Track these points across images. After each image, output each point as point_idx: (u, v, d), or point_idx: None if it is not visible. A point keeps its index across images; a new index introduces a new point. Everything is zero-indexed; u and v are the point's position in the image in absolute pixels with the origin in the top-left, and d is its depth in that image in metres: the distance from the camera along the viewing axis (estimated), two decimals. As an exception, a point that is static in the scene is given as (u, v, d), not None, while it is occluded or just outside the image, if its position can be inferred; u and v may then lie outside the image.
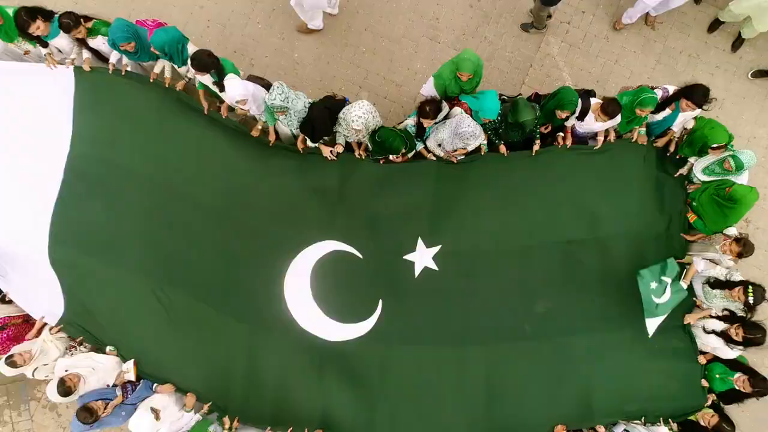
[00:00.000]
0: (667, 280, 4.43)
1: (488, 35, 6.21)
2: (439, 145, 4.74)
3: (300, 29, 6.10)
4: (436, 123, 4.57)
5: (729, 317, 4.37)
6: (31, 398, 5.78)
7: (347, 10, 6.18)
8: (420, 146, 4.75)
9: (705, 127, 4.53)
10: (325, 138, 4.68)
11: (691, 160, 4.74)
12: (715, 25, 6.13)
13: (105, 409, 4.15)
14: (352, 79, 6.15)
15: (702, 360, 4.56)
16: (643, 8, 5.73)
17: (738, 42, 6.10)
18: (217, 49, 5.89)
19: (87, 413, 4.02)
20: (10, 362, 4.10)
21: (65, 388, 4.04)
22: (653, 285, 4.40)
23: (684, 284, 4.56)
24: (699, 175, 4.67)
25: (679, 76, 6.13)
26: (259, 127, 4.71)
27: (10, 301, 4.67)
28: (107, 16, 5.84)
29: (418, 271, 4.71)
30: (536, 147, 4.70)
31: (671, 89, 4.56)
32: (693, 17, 6.19)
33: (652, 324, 4.54)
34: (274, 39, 6.13)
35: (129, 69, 4.57)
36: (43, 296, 4.59)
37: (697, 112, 4.47)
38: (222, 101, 4.70)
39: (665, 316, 4.51)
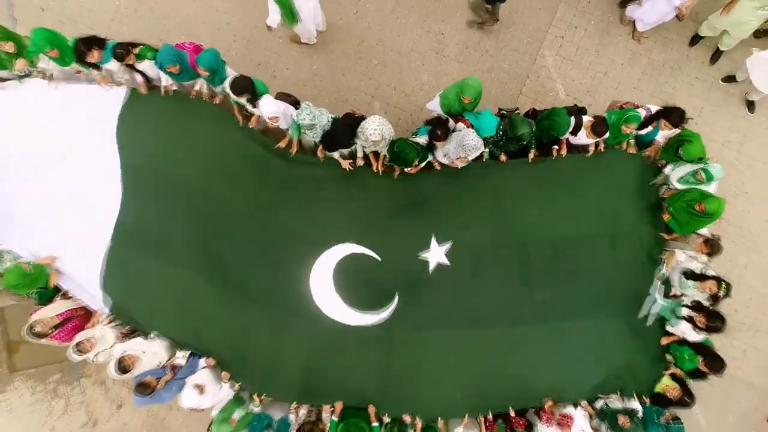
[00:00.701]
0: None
1: (489, 49, 6.56)
2: (445, 155, 5.16)
3: (293, 40, 6.43)
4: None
5: (697, 307, 4.86)
6: (82, 375, 6.29)
7: (360, 26, 6.52)
8: (430, 157, 5.16)
9: (687, 136, 4.90)
10: (343, 151, 5.08)
11: (667, 170, 5.15)
12: (695, 39, 6.49)
13: (158, 383, 4.66)
14: (365, 90, 6.51)
15: (663, 342, 5.03)
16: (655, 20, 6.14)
17: (716, 55, 6.47)
18: (242, 62, 6.35)
19: (143, 387, 4.51)
20: (79, 348, 4.59)
21: (123, 366, 4.49)
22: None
23: (666, 271, 5.03)
24: (675, 184, 5.07)
25: (662, 87, 6.53)
26: (286, 140, 5.11)
27: (70, 297, 5.12)
28: (141, 32, 6.31)
29: (432, 267, 5.08)
30: (531, 155, 5.12)
31: (654, 109, 4.95)
32: (675, 32, 6.55)
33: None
34: (294, 53, 6.48)
35: (174, 89, 4.98)
36: (94, 291, 5.06)
37: (675, 131, 4.87)
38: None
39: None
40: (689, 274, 4.86)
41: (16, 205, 5.09)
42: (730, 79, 6.49)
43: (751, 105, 6.50)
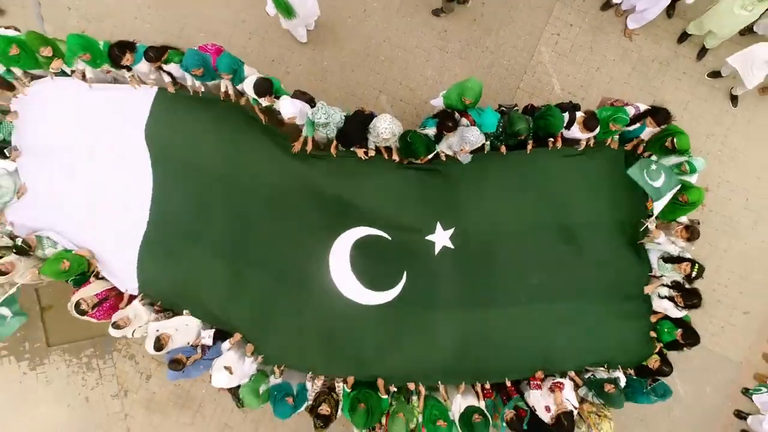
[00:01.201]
0: (655, 168, 5.08)
1: (489, 45, 6.85)
2: (449, 147, 5.51)
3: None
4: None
5: (676, 286, 5.27)
6: (113, 349, 6.72)
7: (368, 24, 6.81)
8: (437, 149, 5.48)
9: (675, 130, 5.23)
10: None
11: (656, 160, 5.52)
12: (683, 37, 6.76)
13: (188, 360, 5.09)
14: (373, 84, 6.81)
15: (653, 319, 5.44)
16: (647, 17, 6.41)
17: (702, 52, 6.76)
18: (257, 58, 6.66)
19: (176, 363, 4.93)
20: (116, 326, 5.00)
21: (160, 344, 4.94)
22: (645, 176, 5.04)
23: (648, 241, 5.45)
24: (663, 174, 5.48)
25: (651, 82, 6.84)
26: (302, 140, 5.38)
27: (103, 278, 5.52)
28: (162, 29, 6.61)
29: (437, 249, 5.48)
30: (530, 147, 5.44)
31: (642, 107, 5.29)
32: (665, 30, 6.81)
33: (659, 205, 5.15)
34: (307, 49, 6.75)
35: (203, 90, 5.32)
36: (125, 273, 5.46)
37: (658, 129, 5.21)
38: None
39: (670, 194, 5.09)
40: (667, 258, 5.27)
41: (54, 194, 5.47)
42: (715, 74, 6.79)
43: (734, 99, 6.82)
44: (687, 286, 5.17)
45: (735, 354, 6.85)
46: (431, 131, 5.38)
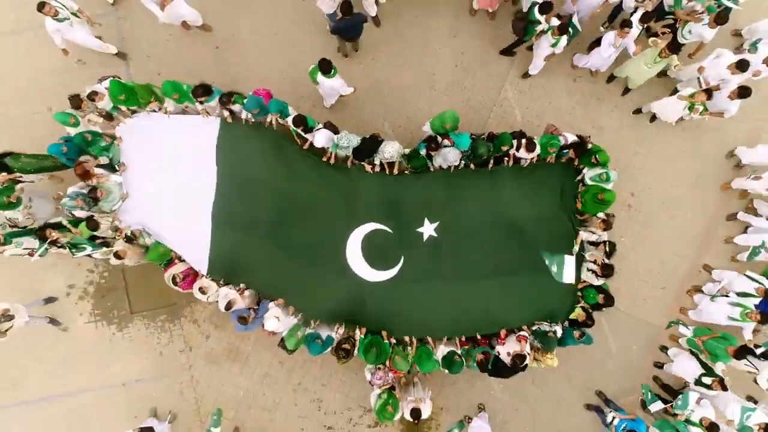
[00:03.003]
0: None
1: (467, 85, 8.73)
2: (435, 163, 7.40)
3: None
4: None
5: (596, 262, 7.17)
6: (181, 316, 8.53)
7: (375, 67, 8.69)
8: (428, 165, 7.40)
9: (598, 150, 7.17)
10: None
11: (585, 170, 7.42)
12: (611, 78, 8.61)
13: (250, 318, 6.88)
14: (379, 114, 8.64)
15: (580, 286, 7.32)
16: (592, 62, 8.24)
17: (626, 90, 8.63)
18: (290, 95, 8.48)
19: (243, 319, 6.71)
20: (201, 291, 6.85)
21: (230, 305, 6.79)
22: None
23: (576, 247, 7.34)
24: (588, 181, 7.36)
25: (590, 113, 8.70)
26: (329, 154, 7.32)
27: (184, 260, 7.41)
28: (217, 72, 8.42)
29: (425, 237, 7.36)
30: (491, 165, 7.39)
31: (570, 139, 7.21)
32: (599, 73, 8.70)
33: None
34: (328, 88, 8.64)
35: (253, 120, 7.22)
36: (199, 258, 7.34)
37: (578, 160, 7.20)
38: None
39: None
40: (591, 242, 7.19)
41: (148, 200, 7.33)
42: (637, 111, 8.67)
43: (653, 118, 8.61)
44: (606, 261, 7.05)
45: (655, 319, 8.59)
46: (423, 152, 7.27)
